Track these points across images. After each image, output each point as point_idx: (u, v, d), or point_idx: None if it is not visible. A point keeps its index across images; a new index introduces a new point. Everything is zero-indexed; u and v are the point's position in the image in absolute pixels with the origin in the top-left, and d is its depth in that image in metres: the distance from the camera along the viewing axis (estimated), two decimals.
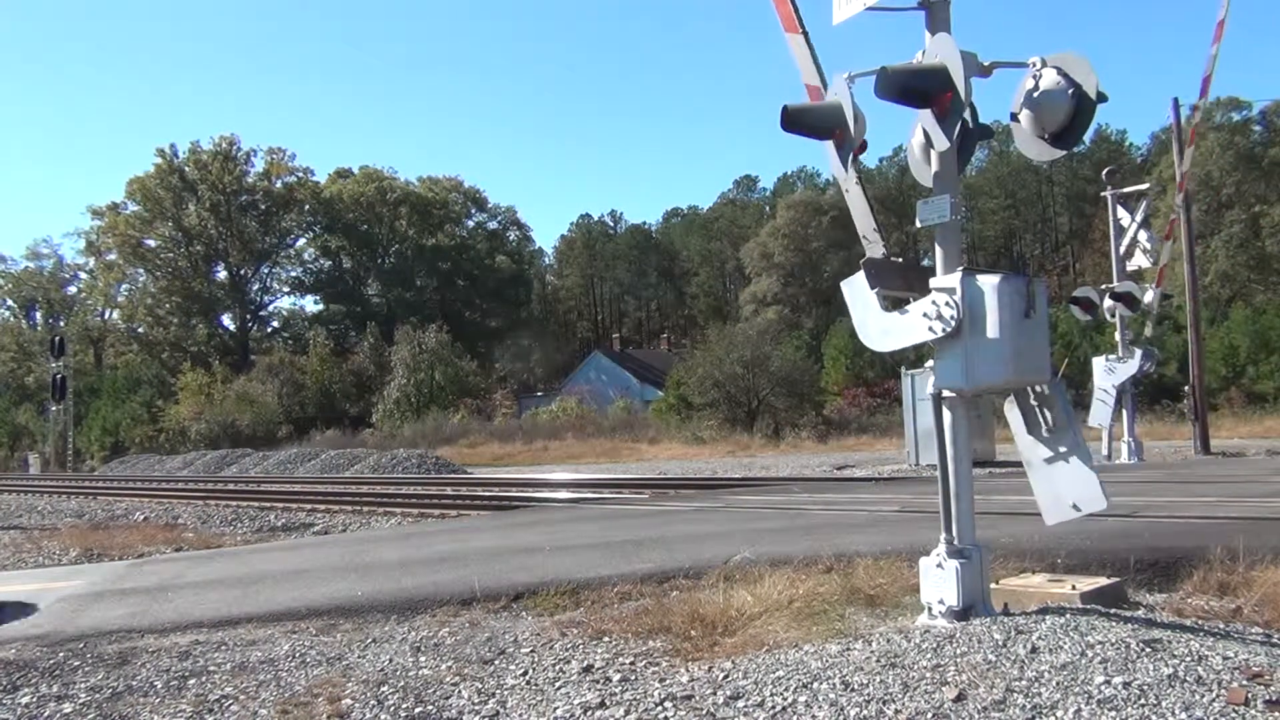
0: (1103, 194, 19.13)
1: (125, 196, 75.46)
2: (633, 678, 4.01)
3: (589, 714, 3.59)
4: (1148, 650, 3.47)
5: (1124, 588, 5.15)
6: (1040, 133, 4.14)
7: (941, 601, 4.16)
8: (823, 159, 7.29)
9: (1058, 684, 3.20)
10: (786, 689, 3.46)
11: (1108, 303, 17.73)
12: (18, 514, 19.93)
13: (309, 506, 16.95)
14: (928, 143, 4.35)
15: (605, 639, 4.77)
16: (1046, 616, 3.96)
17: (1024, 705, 3.07)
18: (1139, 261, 18.34)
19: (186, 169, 74.83)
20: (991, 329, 3.98)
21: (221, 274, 77.74)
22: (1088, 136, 5.57)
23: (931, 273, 4.36)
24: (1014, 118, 4.22)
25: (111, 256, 77.14)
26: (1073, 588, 4.77)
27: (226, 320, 78.62)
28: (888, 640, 3.87)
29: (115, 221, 74.70)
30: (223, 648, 5.10)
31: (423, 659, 4.66)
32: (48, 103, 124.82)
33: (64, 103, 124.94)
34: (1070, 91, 3.99)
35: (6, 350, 76.88)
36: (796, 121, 4.45)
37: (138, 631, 5.57)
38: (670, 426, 40.31)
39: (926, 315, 4.13)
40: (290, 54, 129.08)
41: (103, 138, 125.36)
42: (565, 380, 65.96)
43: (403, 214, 79.59)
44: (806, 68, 4.81)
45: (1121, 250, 18.37)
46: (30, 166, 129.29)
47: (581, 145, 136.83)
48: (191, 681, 4.44)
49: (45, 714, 4.05)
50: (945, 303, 4.06)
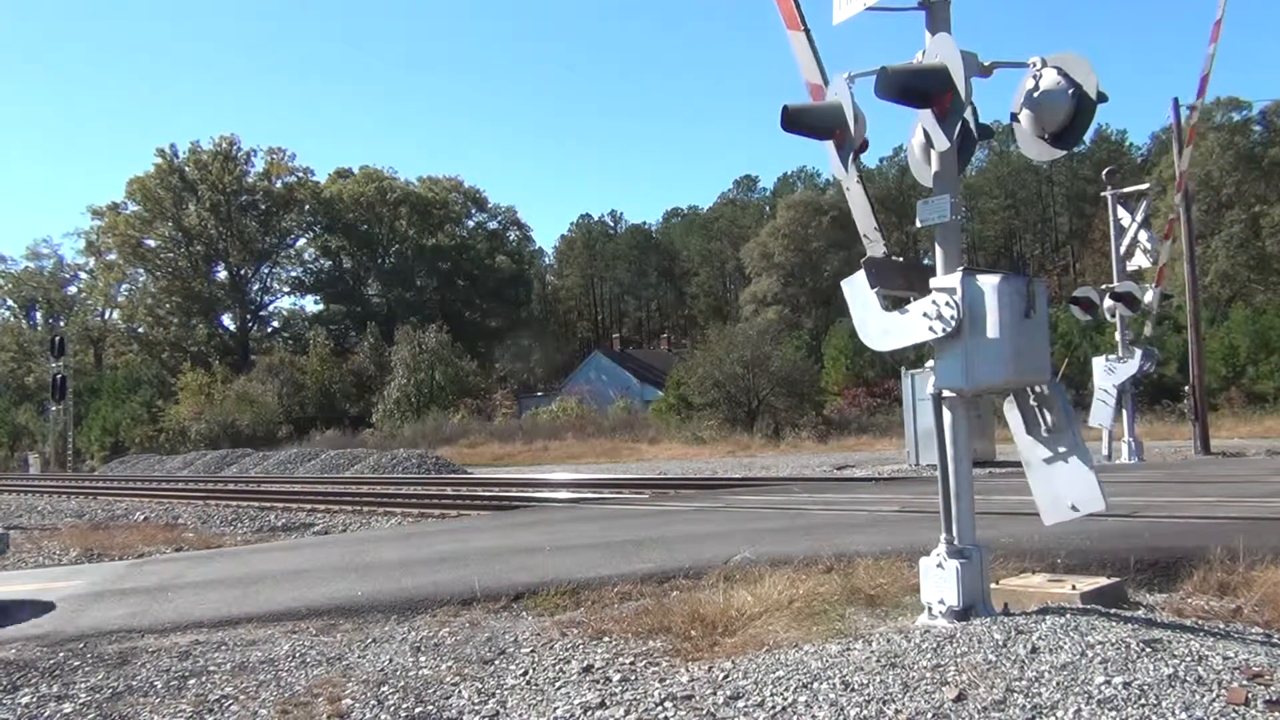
0: (1103, 194, 19.14)
1: (125, 196, 75.58)
2: (633, 678, 4.01)
3: (589, 714, 3.59)
4: (1148, 650, 3.47)
5: (1124, 588, 5.15)
6: (1040, 133, 4.14)
7: (942, 601, 4.16)
8: (823, 159, 7.29)
9: (1058, 684, 3.20)
10: (786, 689, 3.46)
11: (1108, 303, 17.74)
12: (18, 514, 19.94)
13: (309, 506, 16.96)
14: (928, 143, 4.35)
15: (605, 639, 4.77)
16: (1046, 616, 3.96)
17: (1024, 705, 3.07)
18: (1139, 261, 18.35)
19: (186, 169, 74.81)
20: (991, 329, 3.98)
21: (221, 274, 77.78)
22: (1088, 136, 5.57)
23: (932, 272, 4.36)
24: (1014, 118, 4.22)
25: (111, 256, 77.16)
26: (1073, 588, 4.77)
27: (226, 320, 78.69)
28: (888, 640, 3.87)
29: (115, 221, 74.69)
30: (223, 648, 5.10)
31: (423, 659, 4.66)
32: (48, 103, 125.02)
33: (64, 103, 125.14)
34: (1070, 91, 3.99)
35: (6, 350, 76.87)
36: (797, 121, 4.45)
37: (138, 631, 5.58)
38: (670, 426, 40.31)
39: (926, 315, 4.13)
40: (290, 54, 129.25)
41: (103, 138, 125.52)
42: (565, 380, 65.95)
43: (403, 214, 79.57)
44: (808, 65, 4.81)
45: (1121, 250, 18.38)
46: (30, 166, 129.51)
47: (581, 145, 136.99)
48: (191, 681, 4.44)
49: (45, 714, 4.05)
50: (945, 303, 4.06)
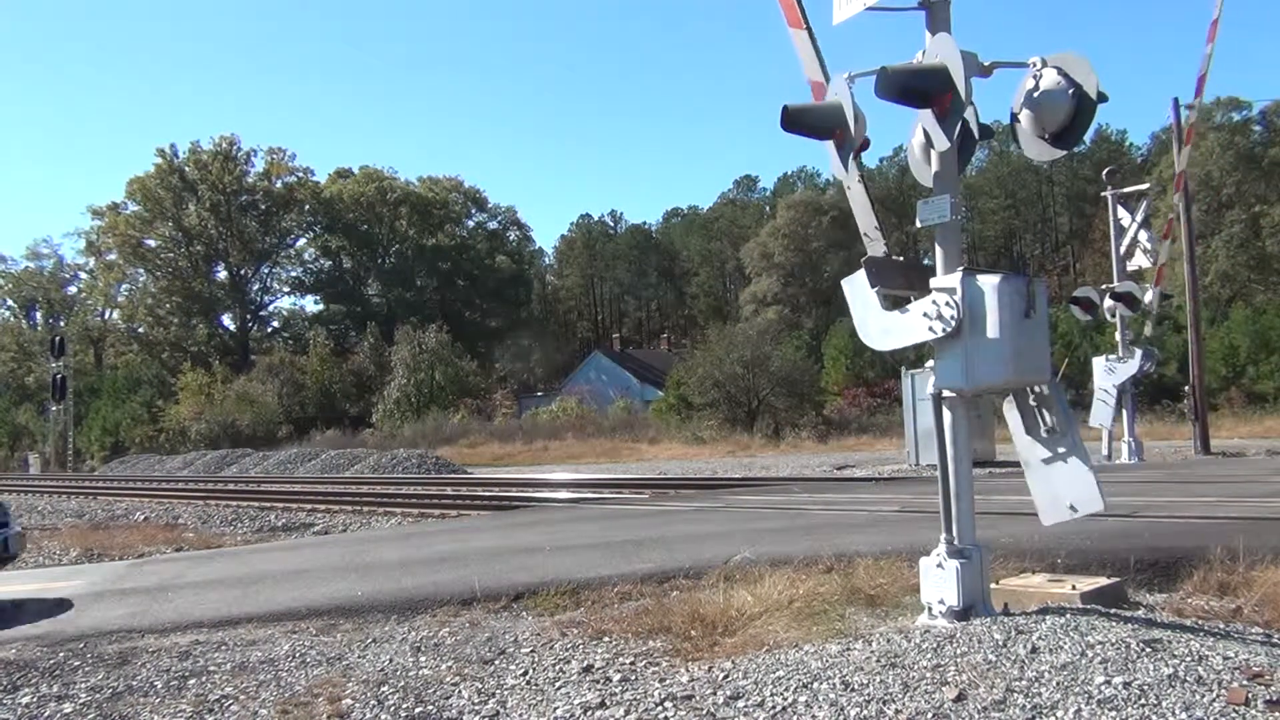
0: (1103, 194, 19.14)
1: (125, 196, 75.53)
2: (633, 678, 4.01)
3: (589, 714, 3.59)
4: (1148, 650, 3.47)
5: (1124, 588, 5.15)
6: (1040, 133, 4.14)
7: (942, 601, 4.16)
8: (823, 159, 7.30)
9: (1058, 684, 3.20)
10: (786, 689, 3.46)
11: (1108, 303, 17.74)
12: (18, 514, 19.87)
13: (309, 506, 16.97)
14: (928, 143, 4.35)
15: (605, 639, 4.77)
16: (1047, 616, 3.96)
17: (1024, 705, 3.07)
18: (1139, 261, 18.35)
19: (186, 169, 74.78)
20: (991, 329, 3.98)
21: (221, 274, 77.73)
22: (1088, 136, 5.56)
23: (932, 272, 4.36)
24: (1014, 118, 4.22)
25: (111, 256, 77.11)
26: (1073, 588, 4.77)
27: (226, 320, 78.64)
28: (888, 640, 3.87)
29: (115, 221, 74.65)
30: (223, 648, 5.10)
31: (423, 659, 4.67)
32: (48, 103, 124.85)
33: (64, 103, 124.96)
34: (1070, 91, 3.99)
35: (6, 350, 76.85)
36: (797, 122, 4.45)
37: (138, 631, 5.58)
38: (670, 426, 40.29)
39: (927, 315, 4.13)
40: (290, 54, 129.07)
41: (103, 138, 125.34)
42: (565, 380, 65.92)
43: (403, 214, 79.54)
44: (810, 63, 4.80)
45: (1122, 250, 18.38)
46: (30, 166, 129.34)
47: (581, 145, 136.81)
48: (191, 681, 4.44)
49: (45, 714, 4.05)
50: (945, 303, 4.06)
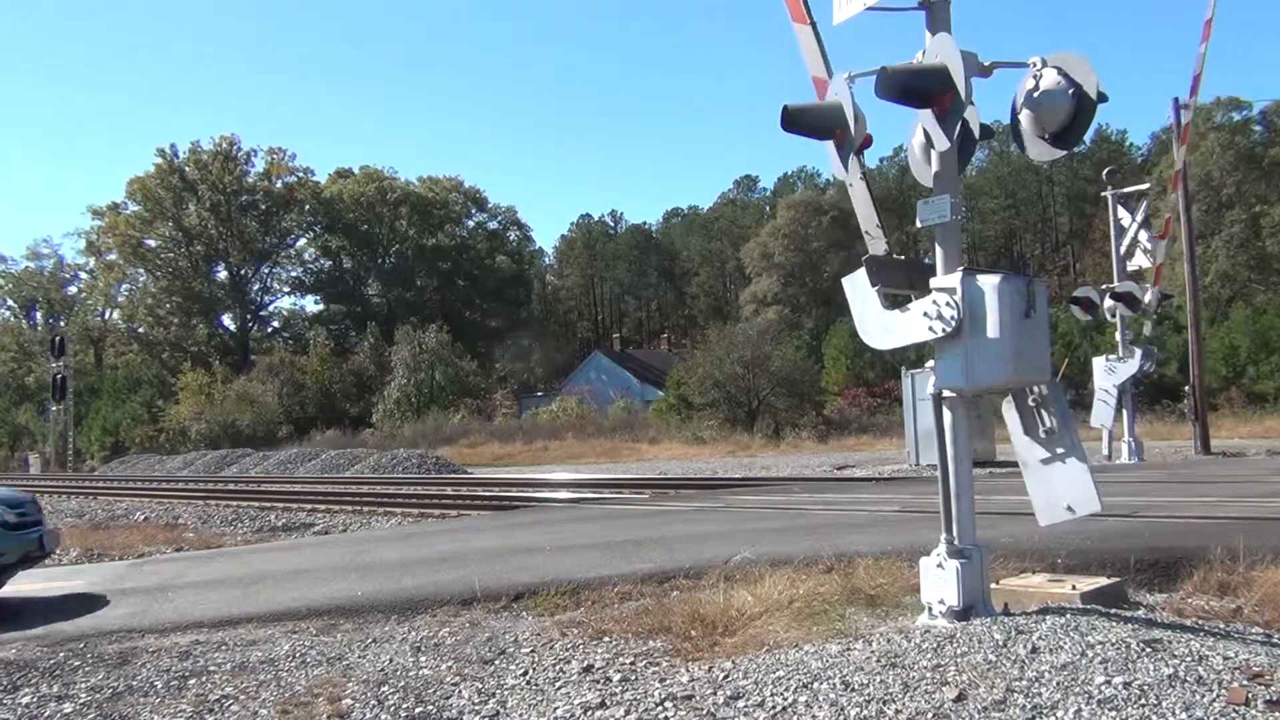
0: (1103, 194, 19.13)
1: (125, 196, 75.51)
2: (633, 678, 4.01)
3: (589, 714, 3.59)
4: (1148, 650, 3.47)
5: (1124, 588, 5.15)
6: (1041, 133, 4.14)
7: (942, 601, 4.16)
8: (823, 159, 7.30)
9: (1058, 684, 3.20)
10: (787, 689, 3.45)
11: (1108, 303, 17.74)
12: None
13: (309, 506, 16.97)
14: (928, 143, 4.35)
15: (605, 639, 4.77)
16: (1047, 617, 3.96)
17: (1024, 705, 3.07)
18: (1139, 261, 18.34)
19: (186, 169, 74.77)
20: (992, 329, 3.98)
21: (222, 274, 77.72)
22: (1088, 136, 5.56)
23: (933, 271, 4.36)
24: (1014, 118, 4.22)
25: (112, 256, 77.10)
26: (1073, 588, 4.77)
27: (227, 320, 78.62)
28: (888, 640, 3.87)
29: (115, 221, 74.65)
30: (223, 648, 5.10)
31: (423, 659, 4.67)
32: (48, 103, 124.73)
33: (64, 103, 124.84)
34: (1070, 91, 3.99)
35: (7, 350, 76.84)
36: (797, 122, 4.45)
37: (138, 631, 5.58)
38: (670, 426, 40.28)
39: (927, 315, 4.13)
40: (290, 54, 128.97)
41: (103, 138, 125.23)
42: (565, 380, 65.91)
43: (403, 214, 79.54)
44: (813, 60, 4.80)
45: (1122, 250, 18.38)
46: (30, 166, 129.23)
47: (581, 145, 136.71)
48: (192, 681, 4.44)
49: (46, 714, 4.05)
50: (946, 303, 4.06)
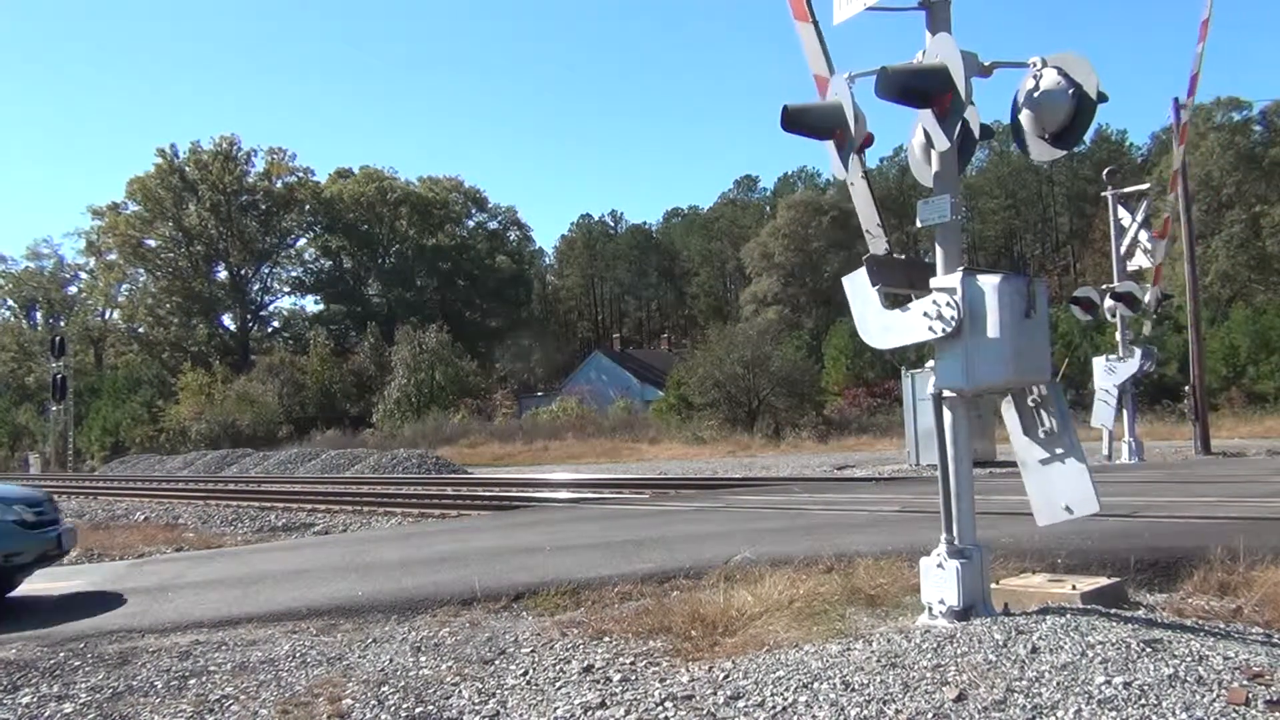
0: (1103, 194, 19.14)
1: (125, 196, 75.50)
2: (633, 678, 4.01)
3: (589, 714, 3.59)
4: (1148, 650, 3.46)
5: (1124, 588, 5.15)
6: (1041, 133, 4.14)
7: (942, 601, 4.16)
8: (823, 159, 7.30)
9: (1058, 684, 3.20)
10: (787, 689, 3.45)
11: (1108, 303, 17.74)
12: None
13: (309, 506, 16.97)
14: (928, 143, 4.35)
15: (606, 639, 4.77)
16: (1047, 617, 3.96)
17: (1024, 705, 3.07)
18: (1139, 261, 18.34)
19: (187, 169, 74.77)
20: (992, 329, 3.98)
21: (222, 274, 77.71)
22: (1088, 136, 5.56)
23: (933, 270, 4.36)
24: (1014, 118, 4.22)
25: (112, 256, 77.09)
26: (1073, 588, 4.77)
27: (227, 320, 78.61)
28: (888, 640, 3.87)
29: (115, 221, 74.64)
30: (223, 648, 5.10)
31: (423, 659, 4.66)
32: (48, 103, 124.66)
33: (64, 103, 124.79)
34: (1071, 91, 3.99)
35: (7, 350, 76.83)
36: (797, 122, 4.44)
37: (138, 631, 5.58)
38: (670, 426, 40.28)
39: (927, 315, 4.13)
40: (290, 54, 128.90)
41: (103, 138, 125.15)
42: (565, 380, 65.90)
43: (403, 214, 79.53)
44: (815, 58, 4.80)
45: (1122, 250, 18.38)
46: (30, 166, 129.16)
47: (581, 145, 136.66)
48: (192, 681, 4.44)
49: (46, 714, 4.05)
50: (946, 303, 4.05)
